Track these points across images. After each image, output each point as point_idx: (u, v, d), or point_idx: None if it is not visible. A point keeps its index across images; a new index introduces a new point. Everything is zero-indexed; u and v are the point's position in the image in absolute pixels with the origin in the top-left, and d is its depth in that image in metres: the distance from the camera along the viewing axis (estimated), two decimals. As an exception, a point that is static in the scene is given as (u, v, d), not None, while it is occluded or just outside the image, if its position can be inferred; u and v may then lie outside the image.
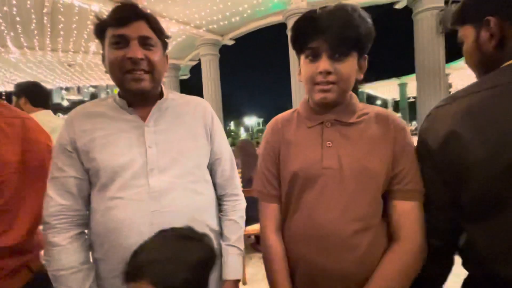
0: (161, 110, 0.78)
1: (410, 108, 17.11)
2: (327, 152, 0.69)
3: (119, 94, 0.77)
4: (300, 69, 0.74)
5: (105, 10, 4.58)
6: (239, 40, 7.23)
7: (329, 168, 0.68)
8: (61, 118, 2.03)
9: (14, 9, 4.43)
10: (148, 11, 0.74)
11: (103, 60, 0.74)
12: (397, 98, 18.69)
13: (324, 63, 0.64)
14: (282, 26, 5.99)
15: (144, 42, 0.70)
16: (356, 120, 0.71)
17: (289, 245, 0.74)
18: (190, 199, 0.74)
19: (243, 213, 0.89)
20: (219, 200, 0.88)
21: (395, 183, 0.67)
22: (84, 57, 7.18)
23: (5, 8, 4.39)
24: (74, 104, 19.68)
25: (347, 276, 0.65)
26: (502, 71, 0.54)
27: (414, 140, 0.69)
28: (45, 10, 4.63)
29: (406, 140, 0.68)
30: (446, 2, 4.72)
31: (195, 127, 0.81)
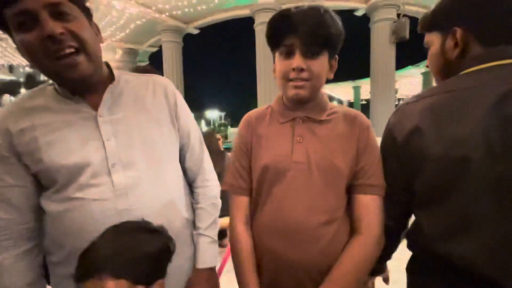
0: (114, 95, 0.68)
1: (362, 110, 18.65)
2: (297, 146, 0.72)
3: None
4: (274, 66, 0.75)
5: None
6: (204, 30, 7.01)
7: (299, 162, 0.71)
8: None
9: None
10: None
11: (21, 54, 0.59)
12: (351, 99, 20.20)
13: (297, 60, 0.66)
14: (249, 20, 5.96)
15: (57, 11, 0.55)
16: (325, 118, 0.74)
17: (257, 237, 0.75)
18: (160, 192, 0.69)
19: (215, 200, 0.85)
20: (190, 186, 0.85)
21: (357, 178, 0.71)
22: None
23: None
24: (6, 85, 16.80)
25: (310, 267, 0.68)
26: (461, 78, 0.60)
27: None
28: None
29: (369, 138, 0.73)
30: (398, 15, 5.21)
31: (157, 112, 0.72)
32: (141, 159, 0.67)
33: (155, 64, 8.93)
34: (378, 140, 0.74)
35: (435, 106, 0.60)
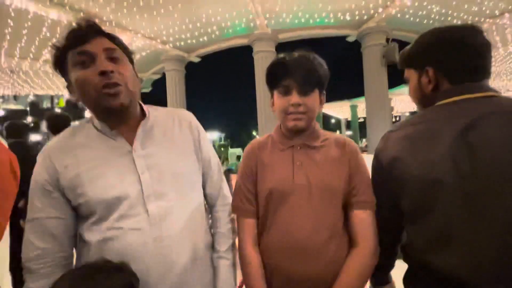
0: (146, 130, 0.75)
1: (360, 127, 18.86)
2: (298, 170, 0.81)
3: (96, 118, 0.72)
4: (273, 101, 0.89)
5: (65, 19, 4.35)
6: (205, 57, 7.35)
7: (300, 185, 0.79)
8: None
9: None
10: (113, 23, 0.75)
11: (69, 90, 0.70)
12: (349, 118, 20.53)
13: (295, 98, 0.79)
14: (247, 48, 6.31)
15: (111, 56, 0.67)
16: (320, 144, 0.85)
17: (265, 256, 0.82)
18: (188, 220, 0.74)
19: (233, 223, 0.90)
20: (210, 210, 0.91)
21: (351, 196, 0.80)
22: (32, 65, 6.54)
23: None
24: (11, 113, 17.18)
25: (317, 280, 0.75)
26: (433, 110, 0.69)
27: (365, 156, 0.87)
28: (-9, 13, 4.20)
29: (358, 161, 0.83)
30: (387, 40, 5.54)
31: (184, 145, 0.80)
32: (171, 189, 0.72)
33: (158, 89, 9.24)
34: (369, 159, 0.84)
35: (412, 135, 0.68)
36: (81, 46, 0.64)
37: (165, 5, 4.55)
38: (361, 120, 19.93)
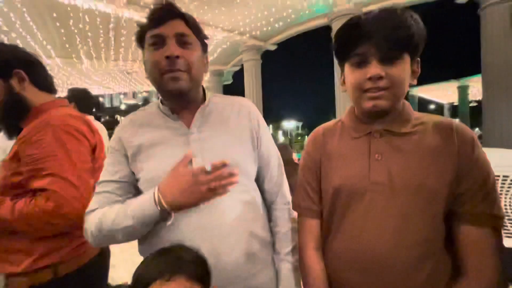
0: (204, 115, 0.76)
1: (473, 113, 15.16)
2: (376, 165, 0.63)
3: (162, 101, 0.76)
4: (343, 78, 0.70)
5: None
6: (282, 44, 7.27)
7: (378, 183, 0.62)
8: (98, 123, 2.34)
9: (87, 26, 5.11)
10: (197, 19, 0.73)
11: (145, 69, 0.74)
12: (455, 102, 16.73)
13: (374, 68, 0.59)
14: (325, 28, 5.85)
15: (182, 40, 0.69)
16: (410, 130, 0.64)
17: (331, 268, 0.69)
18: (239, 210, 0.71)
19: (294, 223, 0.82)
20: (268, 208, 0.85)
21: (462, 204, 0.58)
22: (140, 65, 7.96)
23: (80, 25, 5.10)
24: (130, 107, 21.91)
25: None
26: None
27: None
28: (110, 26, 5.26)
29: (475, 154, 0.58)
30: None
31: (240, 132, 0.77)
32: None
33: (237, 80, 9.78)
34: (490, 153, 0.58)
35: None
36: (156, 28, 0.68)
37: (241, -5, 4.65)
38: (474, 104, 15.96)
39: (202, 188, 0.60)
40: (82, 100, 2.14)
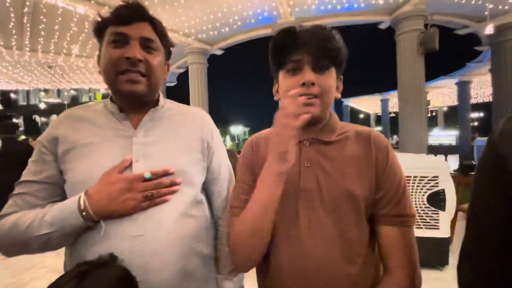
0: (154, 119, 0.71)
1: (392, 123, 17.77)
2: (305, 171, 0.65)
3: (111, 99, 0.71)
4: (277, 87, 0.71)
5: (91, 13, 4.46)
6: (228, 50, 7.27)
7: (307, 190, 0.64)
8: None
9: (-9, 6, 4.21)
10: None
11: (98, 60, 0.69)
12: (379, 112, 19.42)
13: (308, 74, 0.61)
14: (271, 38, 6.09)
15: (146, 44, 0.66)
16: (335, 138, 0.67)
17: (274, 276, 0.66)
18: (179, 223, 0.65)
19: None
20: (216, 224, 0.80)
21: (380, 207, 0.63)
22: (66, 59, 6.92)
23: (-19, 5, 4.17)
24: (54, 107, 18.82)
25: None
26: None
27: (397, 155, 0.67)
28: (25, 10, 4.44)
29: (389, 160, 0.64)
30: (426, 26, 4.99)
31: (190, 141, 0.73)
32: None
33: (182, 83, 9.38)
34: (402, 158, 0.65)
35: None
36: (122, 26, 0.64)
37: (186, -5, 4.48)
38: (393, 115, 18.78)
39: (137, 196, 0.57)
40: None
